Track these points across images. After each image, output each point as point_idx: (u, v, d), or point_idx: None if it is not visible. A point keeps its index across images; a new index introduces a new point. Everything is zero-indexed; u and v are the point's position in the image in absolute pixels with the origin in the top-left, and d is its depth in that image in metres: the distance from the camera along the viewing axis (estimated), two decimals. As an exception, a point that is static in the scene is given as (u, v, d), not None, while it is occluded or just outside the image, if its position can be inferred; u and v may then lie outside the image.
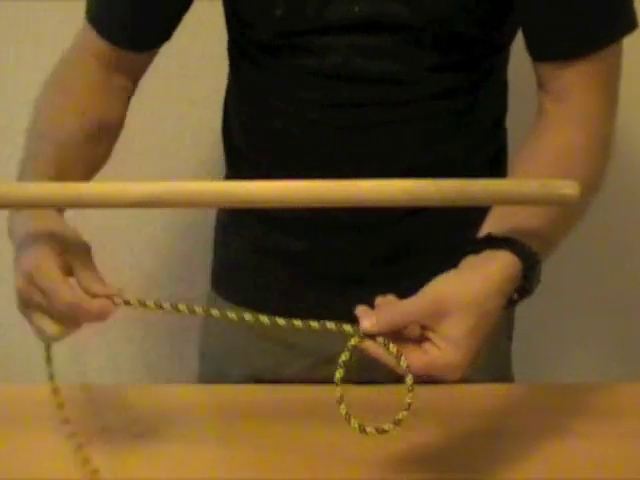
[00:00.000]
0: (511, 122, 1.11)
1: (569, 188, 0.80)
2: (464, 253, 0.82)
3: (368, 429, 0.76)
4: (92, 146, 0.99)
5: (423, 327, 0.77)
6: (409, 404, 0.75)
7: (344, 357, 0.77)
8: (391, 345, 0.76)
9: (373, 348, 0.77)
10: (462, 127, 1.02)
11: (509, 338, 1.15)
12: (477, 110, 1.02)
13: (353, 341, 0.77)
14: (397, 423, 0.76)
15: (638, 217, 1.57)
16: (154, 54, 1.06)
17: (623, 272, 1.58)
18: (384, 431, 0.77)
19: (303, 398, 0.78)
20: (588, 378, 1.53)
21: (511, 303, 0.81)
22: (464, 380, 0.96)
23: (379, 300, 0.79)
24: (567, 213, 0.88)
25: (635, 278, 1.59)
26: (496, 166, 1.08)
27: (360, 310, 0.78)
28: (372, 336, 0.77)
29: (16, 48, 1.49)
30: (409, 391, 0.76)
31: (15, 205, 0.83)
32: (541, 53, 0.95)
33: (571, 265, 1.53)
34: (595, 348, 1.62)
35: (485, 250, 0.81)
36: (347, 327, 0.78)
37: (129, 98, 1.07)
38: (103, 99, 1.03)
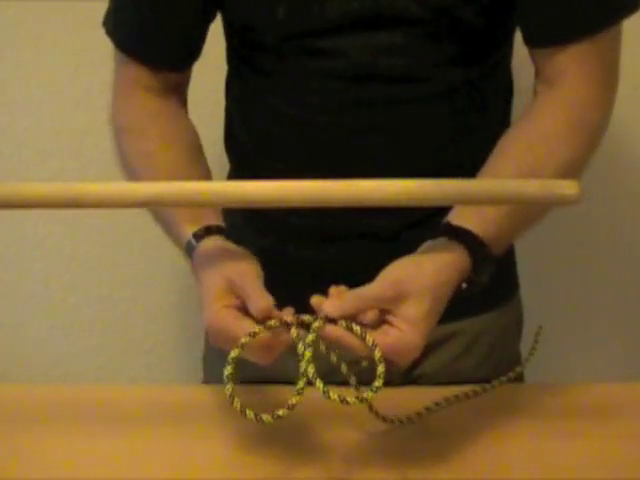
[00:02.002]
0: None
1: (569, 188, 0.80)
2: (423, 237, 0.86)
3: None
4: (195, 171, 0.99)
5: (381, 312, 0.80)
6: (382, 373, 0.76)
7: (310, 337, 0.78)
8: (354, 325, 0.78)
9: (336, 331, 0.79)
10: (474, 123, 1.01)
11: (519, 339, 1.15)
12: (487, 105, 1.02)
13: (317, 324, 0.78)
14: (343, 401, 0.76)
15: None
16: (190, 71, 1.07)
17: (622, 272, 1.58)
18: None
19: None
20: (588, 378, 1.53)
21: (459, 292, 0.85)
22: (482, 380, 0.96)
23: (333, 289, 0.81)
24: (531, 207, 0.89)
25: (635, 279, 1.59)
26: None
27: (316, 299, 0.80)
28: (333, 321, 0.78)
29: (16, 48, 1.49)
30: (379, 362, 0.77)
31: (15, 205, 0.83)
32: (534, 39, 0.96)
33: (570, 267, 1.53)
34: (595, 348, 1.62)
35: (441, 237, 0.85)
36: (306, 317, 0.79)
37: (187, 112, 1.08)
38: (180, 125, 1.04)
